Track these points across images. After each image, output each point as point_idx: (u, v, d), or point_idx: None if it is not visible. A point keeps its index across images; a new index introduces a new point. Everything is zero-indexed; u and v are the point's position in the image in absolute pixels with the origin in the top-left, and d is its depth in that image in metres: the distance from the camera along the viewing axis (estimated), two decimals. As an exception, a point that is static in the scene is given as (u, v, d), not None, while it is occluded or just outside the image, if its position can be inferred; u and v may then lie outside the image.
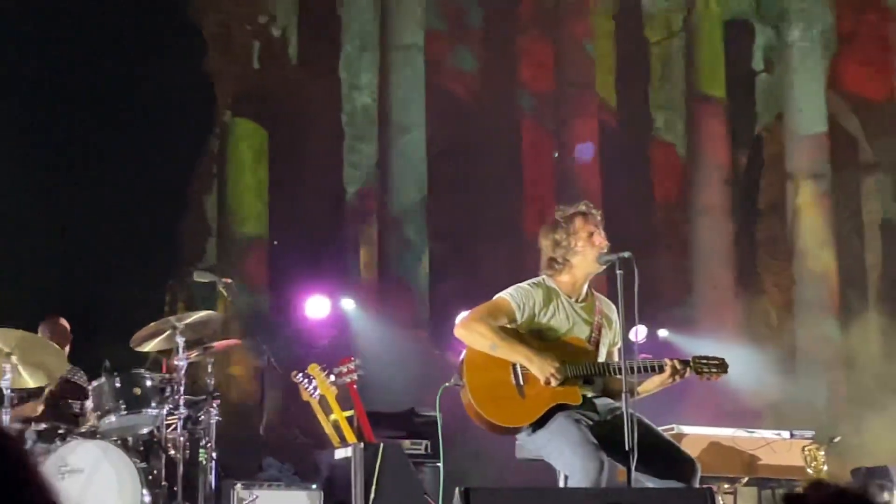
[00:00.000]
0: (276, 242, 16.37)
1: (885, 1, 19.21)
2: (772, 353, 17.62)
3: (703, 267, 17.24)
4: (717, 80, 17.64)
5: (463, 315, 6.40)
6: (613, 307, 6.46)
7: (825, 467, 9.23)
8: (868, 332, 19.86)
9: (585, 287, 6.44)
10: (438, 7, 16.88)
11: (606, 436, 6.04)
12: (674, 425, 9.12)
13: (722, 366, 6.45)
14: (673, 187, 18.21)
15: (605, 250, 6.33)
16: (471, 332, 6.17)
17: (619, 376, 6.14)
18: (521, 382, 6.14)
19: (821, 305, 17.59)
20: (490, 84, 17.38)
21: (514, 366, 6.15)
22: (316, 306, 13.31)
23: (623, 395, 5.96)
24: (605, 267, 6.35)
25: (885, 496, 9.93)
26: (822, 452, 9.36)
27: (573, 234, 6.34)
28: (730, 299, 17.32)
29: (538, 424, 6.11)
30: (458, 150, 17.25)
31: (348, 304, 14.29)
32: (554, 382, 6.05)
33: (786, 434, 9.82)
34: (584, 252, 6.34)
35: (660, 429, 6.38)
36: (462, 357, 6.28)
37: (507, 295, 6.31)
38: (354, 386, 8.92)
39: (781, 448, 9.60)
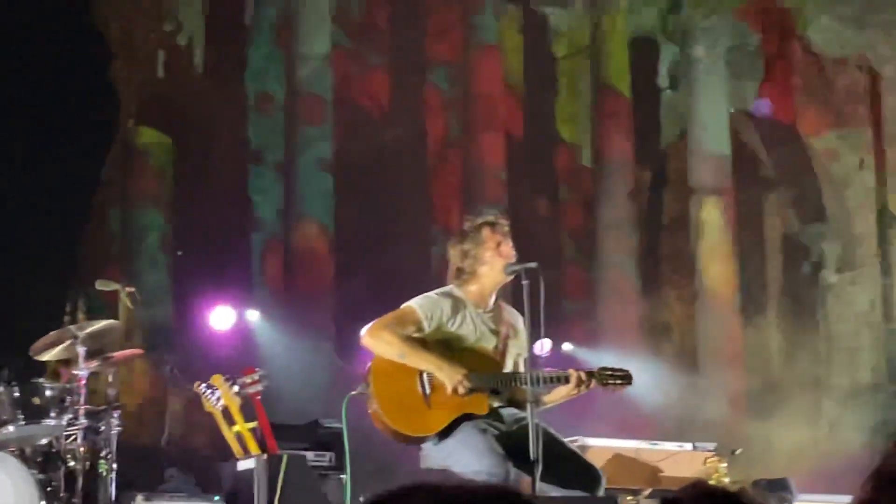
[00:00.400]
0: (180, 252, 16.22)
1: (790, 21, 19.49)
2: (674, 366, 17.78)
3: (607, 280, 17.36)
4: (623, 95, 17.78)
5: (369, 324, 6.37)
6: (520, 317, 6.48)
7: (727, 479, 9.32)
8: (769, 346, 20.13)
9: (493, 297, 6.45)
10: (347, 19, 16.83)
11: (512, 446, 6.05)
12: (578, 437, 9.15)
13: (626, 377, 6.50)
14: (579, 200, 18.31)
15: (513, 261, 6.35)
16: (378, 340, 6.15)
17: (524, 386, 6.15)
18: (428, 391, 6.12)
19: (722, 319, 17.78)
20: (397, 96, 17.37)
21: (421, 374, 6.13)
22: (221, 317, 13.20)
23: (528, 406, 5.97)
24: (511, 277, 6.37)
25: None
26: (724, 464, 9.45)
27: (481, 245, 6.35)
28: (633, 313, 17.45)
29: (444, 434, 6.11)
30: (366, 160, 17.21)
31: (253, 314, 14.20)
32: (462, 390, 6.04)
33: (688, 446, 9.90)
34: (492, 262, 6.35)
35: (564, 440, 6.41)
36: (369, 366, 6.26)
37: (414, 304, 6.30)
38: (259, 397, 8.85)
39: (684, 460, 9.67)
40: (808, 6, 19.64)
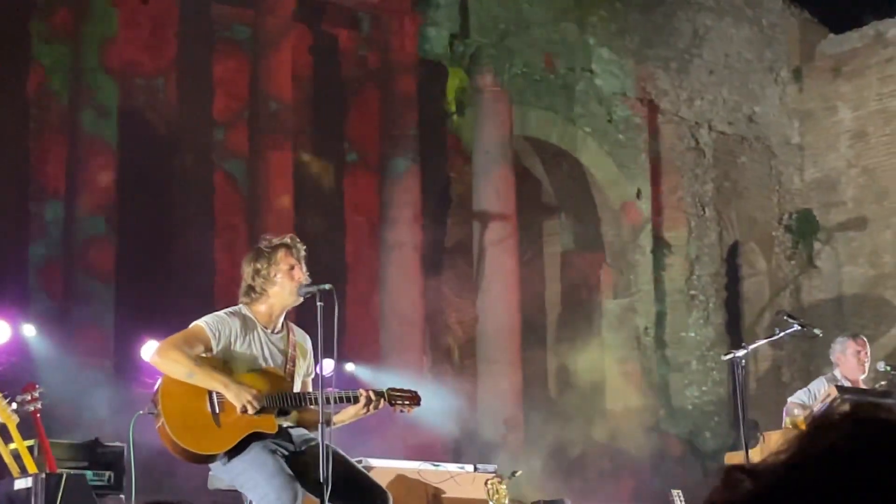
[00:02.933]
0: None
1: (574, 52, 19.96)
2: (455, 390, 17.98)
3: (391, 303, 17.46)
4: (410, 119, 17.92)
5: (152, 344, 6.33)
6: (307, 337, 6.54)
7: (507, 500, 9.49)
8: (545, 373, 20.54)
9: (281, 318, 6.49)
10: (135, 33, 16.60)
11: (301, 466, 6.08)
12: (361, 458, 9.21)
13: (415, 398, 6.61)
14: (365, 223, 18.38)
15: (304, 283, 6.40)
16: (166, 359, 6.11)
17: (314, 407, 6.19)
18: (217, 410, 6.12)
19: (502, 344, 18.04)
20: (184, 113, 17.18)
21: (210, 394, 6.12)
22: (-5, 331, 12.83)
23: (319, 426, 6.01)
24: (303, 299, 6.41)
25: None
26: (504, 486, 9.62)
27: (274, 265, 6.39)
28: (416, 335, 17.58)
29: (233, 453, 6.10)
30: (149, 177, 16.97)
31: (29, 330, 13.84)
32: (251, 410, 6.05)
33: (469, 468, 10.07)
34: (282, 284, 6.39)
35: (350, 461, 6.46)
36: (158, 385, 6.22)
37: (202, 323, 6.29)
38: (38, 414, 8.68)
39: (465, 481, 9.82)
40: (590, 39, 20.18)
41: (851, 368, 9.68)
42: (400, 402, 6.55)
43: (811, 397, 9.47)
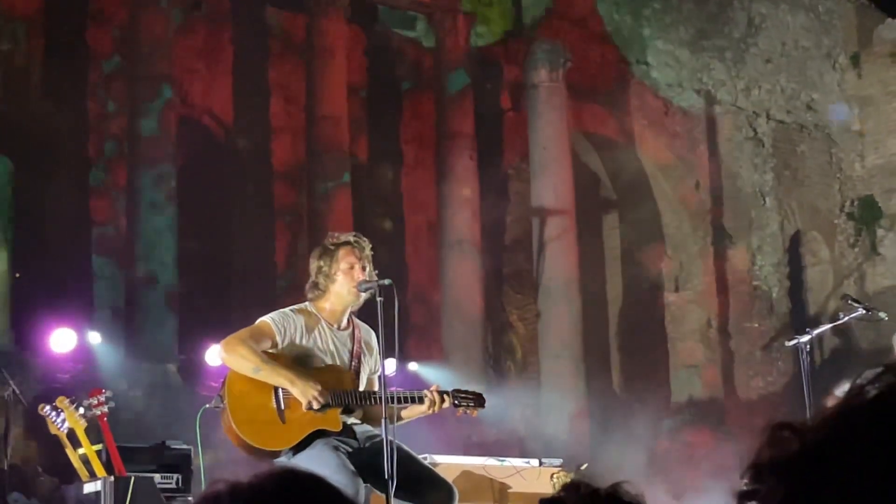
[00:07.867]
0: (17, 275, 15.91)
1: (626, 46, 19.90)
2: (517, 386, 17.96)
3: (452, 301, 17.46)
4: (466, 116, 17.92)
5: (215, 348, 6.36)
6: (374, 334, 6.54)
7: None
8: (608, 367, 20.47)
9: (346, 316, 6.50)
10: (190, 39, 16.70)
11: (365, 462, 6.09)
12: (426, 454, 9.20)
13: (479, 400, 6.63)
14: (424, 222, 18.40)
15: (366, 280, 6.40)
16: (233, 354, 6.15)
17: (379, 405, 6.21)
18: (283, 407, 6.15)
19: (565, 340, 17.98)
20: (240, 117, 17.28)
21: (275, 390, 6.15)
22: (61, 339, 12.99)
23: (383, 423, 6.02)
24: (364, 299, 6.42)
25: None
26: (570, 480, 9.59)
27: (335, 263, 6.40)
28: (478, 333, 17.57)
29: (297, 450, 6.13)
30: (209, 182, 17.07)
31: (94, 337, 13.98)
32: (316, 406, 6.07)
33: (535, 462, 10.03)
34: (342, 283, 6.39)
35: (413, 457, 6.47)
36: (224, 380, 6.27)
37: (268, 319, 6.34)
38: (105, 419, 8.75)
39: (531, 476, 9.78)
40: (645, 31, 20.09)
41: None
42: (464, 403, 6.57)
43: None
